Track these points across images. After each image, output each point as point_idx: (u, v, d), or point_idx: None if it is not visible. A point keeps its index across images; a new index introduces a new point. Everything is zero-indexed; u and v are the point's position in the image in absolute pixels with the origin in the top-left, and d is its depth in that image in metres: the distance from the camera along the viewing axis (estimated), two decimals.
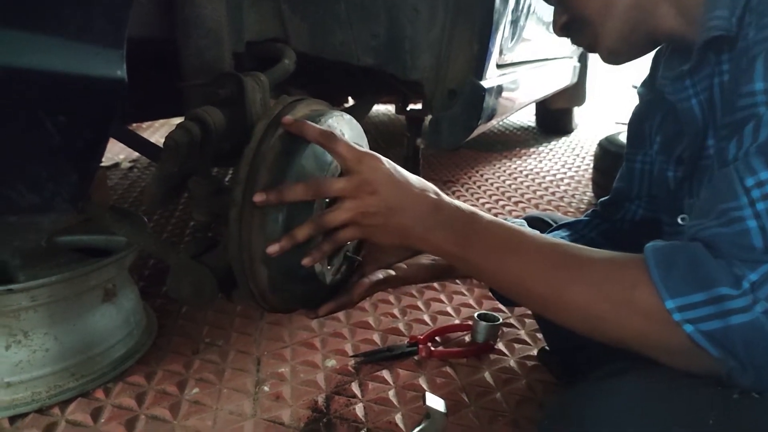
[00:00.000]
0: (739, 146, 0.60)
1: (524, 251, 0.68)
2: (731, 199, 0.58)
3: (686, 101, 0.74)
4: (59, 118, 0.43)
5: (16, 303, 0.93)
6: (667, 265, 0.59)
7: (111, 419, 0.95)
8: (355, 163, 0.70)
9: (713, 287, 0.55)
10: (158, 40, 0.80)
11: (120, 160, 2.72)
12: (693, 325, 0.56)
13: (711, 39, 0.67)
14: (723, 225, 0.58)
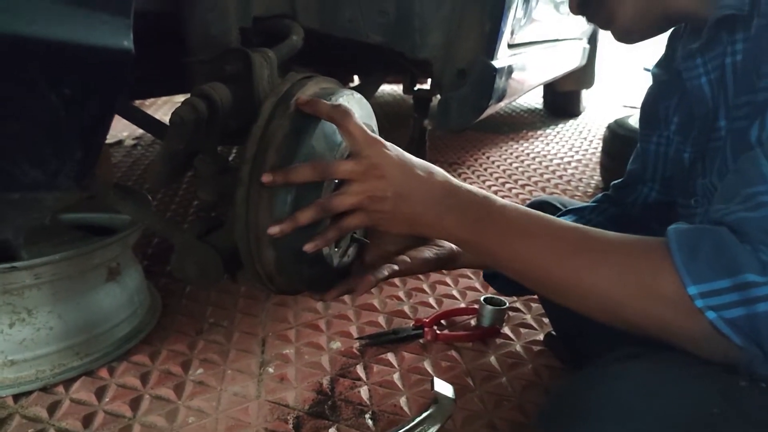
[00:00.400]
0: (762, 128, 0.58)
1: (541, 235, 0.67)
2: (759, 183, 0.56)
3: (696, 79, 0.73)
4: (64, 91, 0.41)
5: (20, 281, 0.92)
6: (690, 250, 0.57)
7: (115, 398, 0.95)
8: (365, 146, 0.68)
9: (739, 273, 0.54)
10: (162, 13, 0.78)
11: (123, 137, 2.70)
12: (716, 312, 0.55)
13: (722, 18, 0.66)
14: (750, 209, 0.56)
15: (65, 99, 0.42)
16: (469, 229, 0.69)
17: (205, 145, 0.75)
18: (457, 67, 1.15)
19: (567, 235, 0.66)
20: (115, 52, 0.45)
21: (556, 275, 0.67)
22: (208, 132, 0.73)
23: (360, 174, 0.68)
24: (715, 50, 0.71)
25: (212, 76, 0.76)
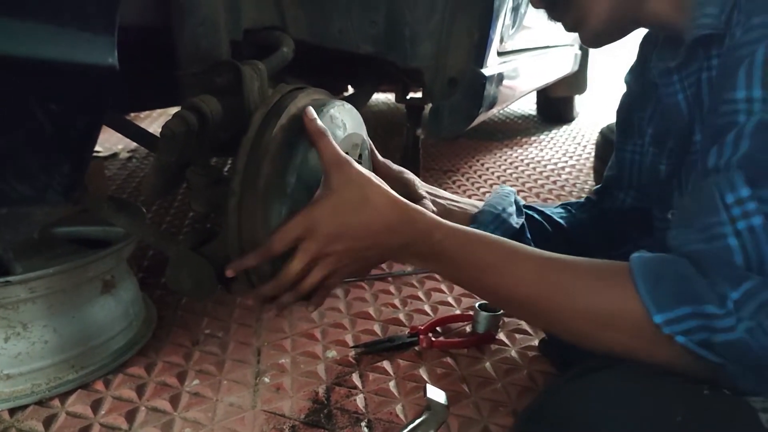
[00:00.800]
0: (720, 155, 0.59)
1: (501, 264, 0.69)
2: (712, 213, 0.58)
3: (673, 96, 0.74)
4: (50, 107, 0.42)
5: (15, 295, 0.92)
6: (654, 280, 0.59)
7: (111, 411, 0.95)
8: (330, 169, 0.70)
9: (700, 304, 0.56)
10: (154, 28, 0.79)
11: (118, 150, 2.70)
12: (685, 336, 0.57)
13: (699, 37, 0.67)
14: (705, 241, 0.58)
15: (52, 115, 0.43)
16: (425, 264, 0.74)
17: (196, 156, 0.76)
18: (447, 76, 1.16)
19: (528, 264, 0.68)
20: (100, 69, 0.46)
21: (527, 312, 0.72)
22: (199, 144, 0.73)
23: (303, 233, 0.69)
24: (691, 67, 0.71)
25: (203, 88, 0.77)
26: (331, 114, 0.77)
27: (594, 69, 3.29)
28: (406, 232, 0.71)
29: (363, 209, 0.69)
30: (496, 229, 0.93)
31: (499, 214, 0.95)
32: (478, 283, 0.73)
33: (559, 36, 2.17)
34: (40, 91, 0.42)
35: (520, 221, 0.97)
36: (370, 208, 0.70)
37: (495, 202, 0.98)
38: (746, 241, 0.56)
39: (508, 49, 1.40)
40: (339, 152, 0.71)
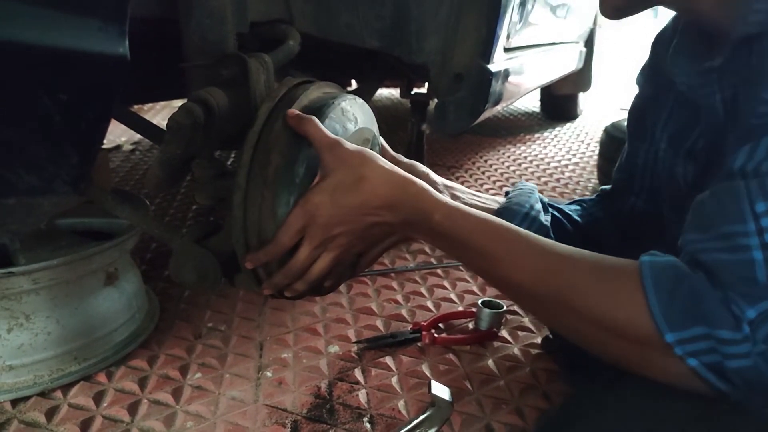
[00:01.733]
0: (751, 157, 0.55)
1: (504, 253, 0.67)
2: (738, 221, 0.54)
3: (710, 97, 0.68)
4: (59, 97, 0.42)
5: (18, 286, 0.92)
6: (667, 295, 0.56)
7: (113, 403, 0.95)
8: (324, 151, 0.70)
9: (714, 327, 0.54)
10: (160, 19, 0.79)
11: (122, 143, 2.70)
12: (696, 359, 0.55)
13: (747, 35, 0.61)
14: (726, 250, 0.55)
15: (61, 104, 0.42)
16: (430, 241, 0.74)
17: (202, 149, 0.76)
18: (453, 72, 1.16)
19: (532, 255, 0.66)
20: (111, 58, 0.45)
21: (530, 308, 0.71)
22: (205, 136, 0.73)
23: (307, 223, 0.69)
24: (733, 65, 0.65)
25: (209, 81, 0.77)
26: (343, 107, 0.77)
27: (599, 67, 3.27)
28: (405, 209, 0.70)
29: (359, 188, 0.68)
30: (528, 228, 0.90)
31: (528, 212, 0.92)
32: (482, 269, 0.71)
33: (565, 33, 2.16)
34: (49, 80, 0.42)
35: (548, 219, 0.95)
36: (367, 185, 0.68)
37: (521, 200, 0.95)
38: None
39: (515, 45, 1.39)
40: (328, 135, 0.70)
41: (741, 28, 0.61)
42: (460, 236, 0.69)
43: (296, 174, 0.70)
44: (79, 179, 0.48)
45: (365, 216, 0.70)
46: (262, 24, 0.96)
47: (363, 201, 0.69)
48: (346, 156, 0.69)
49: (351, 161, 0.69)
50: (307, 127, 0.70)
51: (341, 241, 0.71)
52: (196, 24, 0.80)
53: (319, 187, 0.69)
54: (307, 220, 0.69)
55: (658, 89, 0.87)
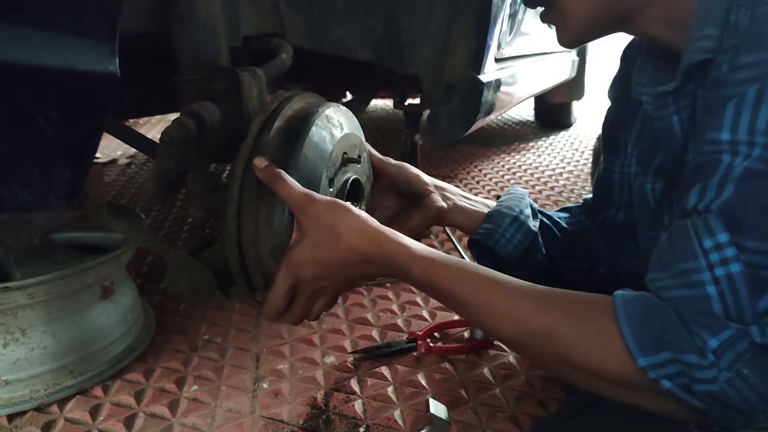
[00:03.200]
0: (701, 197, 0.59)
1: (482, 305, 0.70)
2: (690, 258, 0.58)
3: (667, 119, 0.71)
4: (51, 114, 0.43)
5: (14, 301, 0.92)
6: (638, 324, 0.59)
7: (110, 417, 0.95)
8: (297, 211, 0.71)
9: (681, 352, 0.57)
10: (153, 35, 0.80)
11: (117, 157, 2.71)
12: (670, 381, 0.58)
13: (701, 62, 0.63)
14: (683, 287, 0.58)
15: (53, 122, 0.43)
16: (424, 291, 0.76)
17: (195, 162, 0.76)
18: (445, 82, 1.17)
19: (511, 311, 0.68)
20: (101, 76, 0.46)
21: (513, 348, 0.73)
22: (199, 150, 0.74)
23: (294, 284, 0.72)
24: (687, 88, 0.68)
25: (202, 94, 0.77)
26: (327, 114, 0.78)
27: (591, 75, 3.30)
28: (383, 264, 0.72)
29: (336, 246, 0.70)
30: (516, 232, 0.93)
31: (517, 216, 0.95)
32: (465, 316, 0.75)
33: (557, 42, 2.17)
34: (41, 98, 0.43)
35: (537, 224, 0.97)
36: (342, 245, 0.70)
37: (512, 204, 0.97)
38: (724, 289, 0.56)
39: (506, 56, 1.41)
40: (300, 192, 0.70)
41: (693, 54, 0.63)
42: (439, 288, 0.72)
43: None
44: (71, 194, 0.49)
45: (347, 269, 0.72)
46: (254, 38, 0.97)
47: (342, 258, 0.71)
48: (319, 214, 0.70)
49: (324, 219, 0.70)
50: (276, 185, 0.69)
51: (329, 289, 0.75)
52: (189, 39, 0.81)
53: (299, 247, 0.71)
54: (293, 280, 0.72)
55: (627, 104, 0.88)
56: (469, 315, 0.73)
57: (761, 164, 0.56)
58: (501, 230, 0.93)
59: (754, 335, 0.55)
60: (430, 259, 0.71)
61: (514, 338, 0.69)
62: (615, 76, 0.93)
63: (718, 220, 0.57)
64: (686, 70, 0.65)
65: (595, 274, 0.98)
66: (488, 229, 0.95)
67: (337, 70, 1.51)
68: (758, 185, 0.56)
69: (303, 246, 0.71)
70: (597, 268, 0.98)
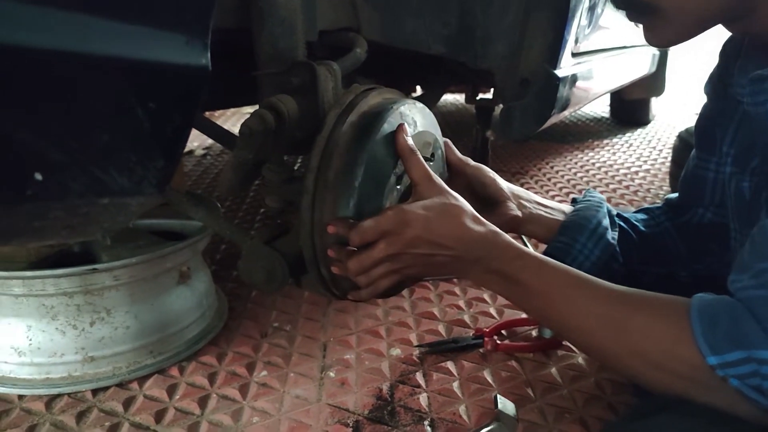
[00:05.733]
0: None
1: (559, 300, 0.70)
2: (767, 258, 0.56)
3: (761, 105, 0.67)
4: (149, 105, 0.46)
5: (100, 282, 0.98)
6: (709, 322, 0.59)
7: (185, 396, 0.99)
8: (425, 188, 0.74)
9: (753, 348, 0.55)
10: (233, 29, 0.82)
11: (194, 148, 2.81)
12: (739, 380, 0.56)
13: None
14: (760, 287, 0.57)
15: (150, 112, 0.46)
16: (504, 290, 0.76)
17: (272, 154, 0.78)
18: (520, 77, 1.15)
19: (592, 304, 0.68)
20: (194, 69, 0.49)
21: (583, 343, 0.73)
22: (276, 142, 0.76)
23: (394, 230, 0.71)
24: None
25: (280, 88, 0.79)
26: (401, 111, 0.78)
27: (673, 70, 3.16)
28: (485, 247, 0.73)
29: (451, 220, 0.72)
30: (594, 247, 0.90)
31: (595, 228, 0.91)
32: (537, 307, 0.74)
33: (637, 36, 2.10)
34: (141, 90, 0.45)
35: (615, 236, 0.93)
36: (458, 219, 0.72)
37: (589, 214, 0.93)
38: None
39: (583, 50, 1.37)
40: (429, 170, 0.74)
41: None
42: (525, 274, 0.73)
43: (356, 177, 0.72)
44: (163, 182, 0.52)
45: (444, 246, 0.72)
46: (330, 32, 0.99)
47: (450, 231, 0.72)
48: (445, 192, 0.74)
49: (447, 197, 0.74)
50: (410, 158, 0.74)
51: (408, 259, 0.74)
52: (268, 33, 0.83)
53: (416, 206, 0.72)
54: (396, 227, 0.71)
55: (725, 102, 0.84)
56: (544, 304, 0.72)
57: None
58: (579, 246, 0.90)
59: None
60: (527, 250, 0.74)
61: (588, 328, 0.68)
62: (712, 72, 0.89)
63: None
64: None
65: (676, 278, 0.94)
66: (564, 243, 0.91)
67: (409, 65, 1.51)
68: None
69: (418, 206, 0.72)
70: (678, 273, 0.94)
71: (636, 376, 0.66)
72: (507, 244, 0.74)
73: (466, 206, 0.74)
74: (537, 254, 0.74)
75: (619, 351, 0.66)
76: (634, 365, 0.65)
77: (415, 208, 0.71)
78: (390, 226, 0.71)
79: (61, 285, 0.96)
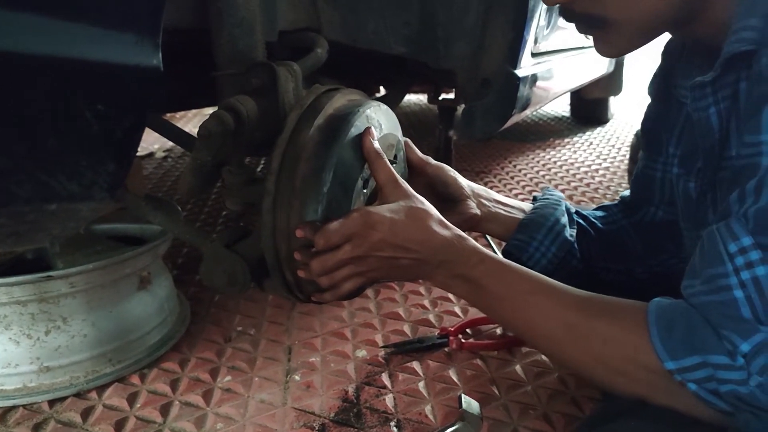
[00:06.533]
0: (741, 203, 0.58)
1: (522, 306, 0.72)
2: (717, 263, 0.58)
3: (704, 111, 0.69)
4: (97, 107, 0.44)
5: (56, 289, 0.95)
6: (667, 328, 0.60)
7: (146, 404, 0.97)
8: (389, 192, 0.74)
9: (709, 353, 0.57)
10: (191, 30, 0.81)
11: (154, 150, 2.76)
12: (696, 385, 0.58)
13: (741, 53, 0.62)
14: (712, 292, 0.58)
15: (99, 115, 0.45)
16: (452, 284, 0.77)
17: (232, 156, 0.77)
18: (481, 77, 1.16)
19: (553, 310, 0.70)
20: (145, 70, 0.47)
21: (546, 349, 0.76)
22: (235, 144, 0.75)
23: (359, 233, 0.71)
24: (728, 78, 0.66)
25: (239, 89, 0.78)
26: (367, 114, 0.78)
27: (630, 70, 3.23)
28: (449, 251, 0.74)
29: (416, 223, 0.72)
30: (551, 244, 0.91)
31: (553, 226, 0.93)
32: (499, 312, 0.76)
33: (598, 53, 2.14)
34: (88, 92, 0.44)
35: (573, 233, 0.95)
36: (423, 223, 0.73)
37: (546, 213, 0.95)
38: (751, 293, 0.55)
39: (543, 50, 1.39)
40: (395, 173, 0.74)
41: (733, 45, 0.62)
42: (487, 279, 0.74)
43: (324, 182, 0.71)
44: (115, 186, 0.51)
45: (409, 250, 0.73)
46: (290, 33, 0.98)
47: (415, 235, 0.72)
48: (411, 196, 0.74)
49: (413, 202, 0.74)
50: (377, 162, 0.74)
51: (372, 261, 0.73)
52: (227, 33, 0.82)
53: (384, 208, 0.72)
54: (360, 230, 0.71)
55: (669, 103, 0.85)
56: (505, 309, 0.73)
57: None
58: (535, 243, 0.92)
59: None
60: (490, 254, 0.75)
61: (550, 335, 0.69)
62: (655, 72, 0.90)
63: (740, 224, 0.57)
64: (725, 61, 0.63)
65: (633, 275, 0.96)
66: (521, 241, 0.93)
67: (371, 65, 1.51)
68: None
69: (384, 209, 0.72)
70: (634, 269, 0.96)
71: (599, 381, 0.68)
72: (471, 249, 0.74)
73: (431, 210, 0.75)
74: (501, 259, 0.75)
75: (581, 357, 0.67)
76: (596, 371, 0.67)
77: (381, 211, 0.71)
78: (355, 228, 0.70)
79: (13, 293, 0.93)
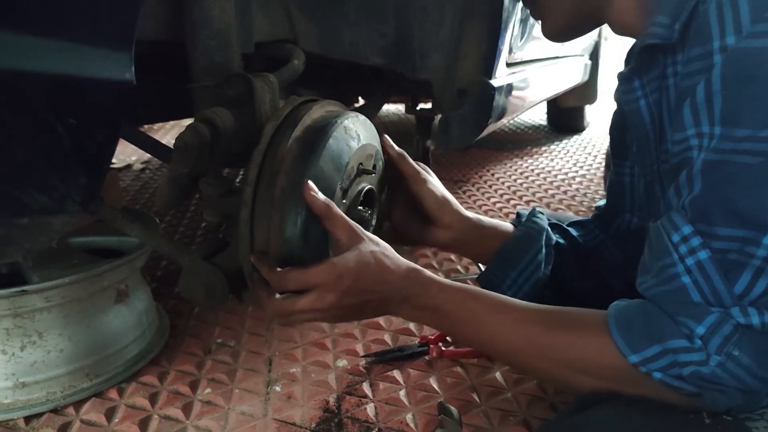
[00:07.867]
0: (678, 196, 0.61)
1: (485, 325, 0.73)
2: (665, 255, 0.61)
3: (633, 103, 0.72)
4: (69, 121, 0.44)
5: (31, 304, 0.94)
6: (626, 324, 0.63)
7: (125, 419, 0.96)
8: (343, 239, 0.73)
9: (668, 339, 0.59)
10: (168, 42, 0.81)
11: (132, 162, 2.74)
12: (661, 373, 0.60)
13: (648, 45, 0.66)
14: (662, 283, 0.61)
15: (70, 128, 0.45)
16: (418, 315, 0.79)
17: (209, 167, 0.77)
18: (457, 87, 1.17)
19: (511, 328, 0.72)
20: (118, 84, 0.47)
21: (515, 363, 0.78)
22: (212, 155, 0.75)
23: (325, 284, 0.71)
24: (653, 72, 0.69)
25: (215, 101, 0.79)
26: (345, 125, 0.78)
27: (604, 79, 3.28)
28: (408, 285, 0.75)
29: (378, 266, 0.73)
30: (524, 283, 0.91)
31: (529, 263, 0.91)
32: (466, 335, 0.77)
33: (569, 46, 2.17)
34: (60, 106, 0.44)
35: (549, 269, 0.93)
36: (383, 265, 0.73)
37: (526, 246, 0.93)
38: (697, 277, 0.58)
39: (518, 60, 1.41)
40: (349, 220, 0.74)
41: (644, 38, 0.66)
42: (449, 305, 0.75)
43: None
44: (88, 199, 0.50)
45: (373, 293, 0.73)
46: (266, 44, 0.98)
47: (379, 279, 0.73)
48: (366, 238, 0.74)
49: (371, 247, 0.74)
50: (329, 213, 0.72)
51: (338, 312, 0.74)
52: (203, 46, 0.82)
53: (347, 258, 0.71)
54: (329, 281, 0.71)
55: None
56: (470, 331, 0.75)
57: (716, 154, 0.57)
58: (509, 281, 0.91)
59: (736, 316, 0.56)
60: (448, 283, 0.77)
61: (516, 349, 0.71)
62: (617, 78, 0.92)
63: (679, 215, 0.60)
64: (638, 52, 0.68)
65: (609, 287, 0.95)
66: (496, 276, 0.93)
67: (348, 76, 1.52)
68: (716, 175, 0.58)
69: (349, 258, 0.71)
70: (611, 282, 0.95)
71: (569, 387, 0.70)
72: (428, 280, 0.76)
73: (387, 249, 0.75)
74: (459, 285, 0.77)
75: (547, 367, 0.69)
76: (564, 378, 0.69)
77: (347, 261, 0.71)
78: (323, 279, 0.70)
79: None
